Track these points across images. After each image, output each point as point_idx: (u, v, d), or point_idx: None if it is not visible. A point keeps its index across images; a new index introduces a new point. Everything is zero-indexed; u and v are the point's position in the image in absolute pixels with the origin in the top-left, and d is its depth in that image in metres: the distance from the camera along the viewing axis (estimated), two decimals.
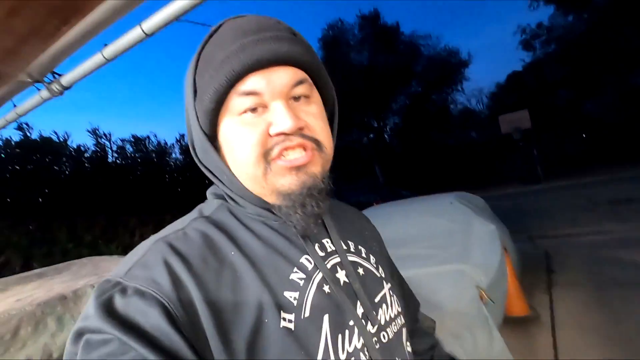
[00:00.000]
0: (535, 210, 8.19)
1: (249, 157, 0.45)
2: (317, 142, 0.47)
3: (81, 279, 0.88)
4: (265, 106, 0.45)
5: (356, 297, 0.50)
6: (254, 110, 0.45)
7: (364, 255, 0.58)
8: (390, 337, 0.52)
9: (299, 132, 0.45)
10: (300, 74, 0.47)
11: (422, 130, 21.58)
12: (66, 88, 1.10)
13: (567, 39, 18.58)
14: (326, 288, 0.47)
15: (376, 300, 0.53)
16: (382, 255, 0.65)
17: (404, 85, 21.96)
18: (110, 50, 0.95)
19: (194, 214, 0.52)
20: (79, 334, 0.35)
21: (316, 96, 0.50)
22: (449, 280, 2.26)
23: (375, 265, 0.58)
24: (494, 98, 24.34)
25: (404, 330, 0.57)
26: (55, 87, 1.10)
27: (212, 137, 0.48)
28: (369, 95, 20.05)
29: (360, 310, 0.49)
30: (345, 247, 0.55)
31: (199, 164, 0.53)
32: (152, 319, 0.35)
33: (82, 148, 13.09)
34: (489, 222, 3.09)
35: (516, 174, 16.17)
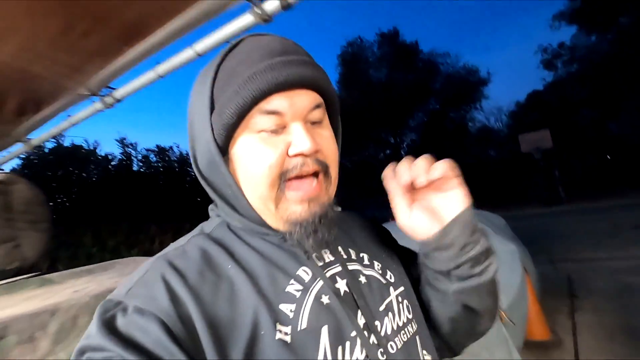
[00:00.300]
0: (556, 232, 7.95)
1: (266, 176, 0.45)
2: (327, 168, 0.49)
3: (126, 276, 0.94)
4: (284, 127, 0.46)
5: (357, 307, 0.48)
6: (274, 129, 0.45)
7: (366, 262, 0.56)
8: (399, 347, 0.49)
9: (315, 155, 0.47)
10: (318, 98, 0.49)
11: (440, 148, 21.43)
12: (118, 101, 1.21)
13: (591, 58, 18.31)
14: (325, 299, 0.46)
15: (380, 309, 0.51)
16: (391, 259, 0.62)
17: (422, 103, 22.05)
18: (163, 68, 1.05)
19: (195, 231, 0.53)
20: (82, 352, 0.36)
21: (327, 121, 0.52)
22: None
23: (380, 272, 0.56)
24: (514, 117, 24.02)
25: (418, 338, 0.53)
26: (108, 99, 1.21)
27: (223, 151, 0.48)
28: (387, 111, 20.17)
29: (361, 321, 0.47)
30: (345, 256, 0.54)
31: (199, 177, 0.52)
32: (152, 336, 0.36)
33: (109, 156, 13.70)
34: (509, 241, 3.04)
35: (537, 194, 15.77)
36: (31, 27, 0.85)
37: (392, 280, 0.56)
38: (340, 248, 0.54)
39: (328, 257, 0.52)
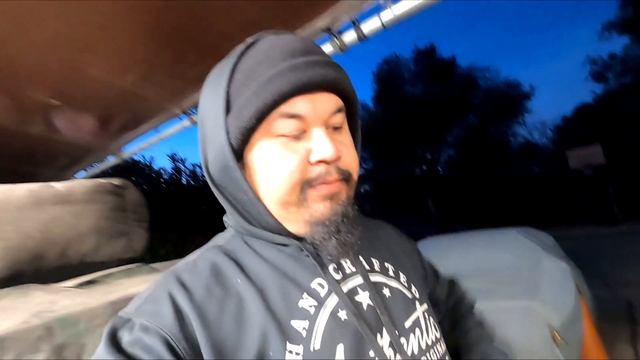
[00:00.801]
0: (612, 254, 7.38)
1: (286, 182, 0.43)
2: (349, 176, 0.46)
3: None
4: (304, 131, 0.43)
5: (381, 323, 0.44)
6: (294, 134, 0.43)
7: (391, 273, 0.51)
8: None
9: (336, 162, 0.44)
10: (339, 102, 0.46)
11: (479, 164, 20.74)
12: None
13: None
14: (342, 314, 0.42)
15: (407, 325, 0.46)
16: (416, 273, 0.58)
17: (460, 118, 21.58)
18: None
19: (210, 243, 0.52)
20: None
21: (346, 126, 0.50)
22: (517, 317, 2.16)
23: (406, 285, 0.51)
24: (560, 131, 22.80)
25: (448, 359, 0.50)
26: (195, 118, 1.41)
27: (237, 155, 0.45)
28: (423, 127, 19.96)
29: (386, 339, 0.43)
30: (367, 267, 0.50)
31: (210, 183, 0.50)
32: (155, 354, 0.35)
33: (161, 171, 14.90)
34: (560, 259, 2.93)
35: (589, 213, 14.68)
36: (151, 59, 1.05)
37: (417, 295, 0.52)
38: (361, 257, 0.50)
39: (349, 267, 0.48)
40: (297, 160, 0.42)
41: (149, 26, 0.89)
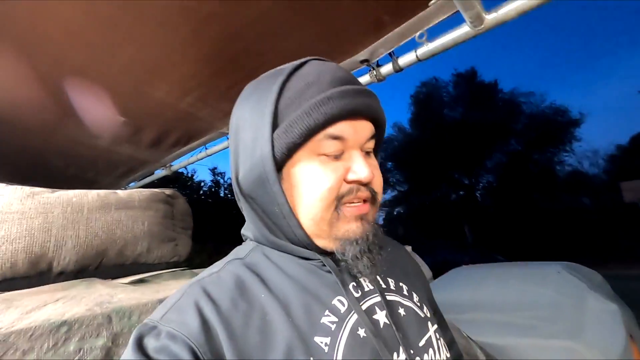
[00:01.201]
0: None
1: (324, 199, 0.45)
2: (376, 196, 0.49)
3: None
4: (343, 152, 0.47)
5: (397, 341, 0.45)
6: (335, 155, 0.46)
7: (405, 292, 0.53)
8: None
9: (369, 183, 0.48)
10: (373, 129, 0.50)
11: (521, 191, 19.70)
12: None
13: None
14: (361, 332, 0.43)
15: (420, 344, 0.48)
16: (426, 293, 0.60)
17: (501, 143, 20.77)
18: None
19: (230, 256, 0.53)
20: None
21: (373, 151, 0.54)
22: (558, 358, 2.04)
23: (418, 304, 0.53)
24: (614, 161, 21.22)
25: None
26: None
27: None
28: (461, 151, 19.43)
29: (402, 357, 0.44)
30: (384, 285, 0.51)
31: (238, 194, 0.52)
32: None
33: (201, 183, 15.76)
34: (609, 300, 2.71)
35: None
36: (208, 84, 1.18)
37: (429, 315, 0.54)
38: (378, 277, 0.52)
39: (367, 285, 0.49)
40: (335, 179, 0.45)
41: (208, 56, 1.02)
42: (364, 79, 1.07)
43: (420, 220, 21.69)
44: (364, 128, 0.48)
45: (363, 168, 0.46)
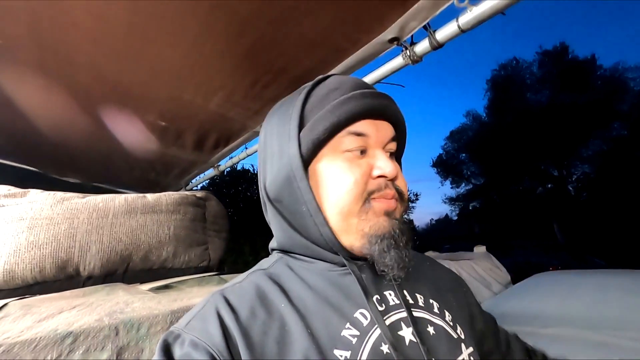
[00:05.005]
0: None
1: (352, 190, 0.46)
2: (402, 194, 0.50)
3: None
4: (366, 151, 0.49)
5: None
6: (358, 151, 0.49)
7: (436, 310, 0.50)
8: None
9: (393, 181, 0.49)
10: (393, 131, 0.53)
11: (627, 184, 16.68)
12: None
13: None
14: (384, 348, 0.41)
15: None
16: (462, 312, 0.55)
17: (601, 128, 17.78)
18: None
19: (255, 267, 0.54)
20: None
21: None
22: None
23: (451, 324, 0.50)
24: None
25: None
26: None
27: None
28: (549, 139, 17.15)
29: None
30: (411, 301, 0.49)
31: (266, 200, 0.54)
32: None
33: None
34: None
35: None
36: (232, 83, 1.13)
37: (463, 336, 0.49)
38: (406, 291, 0.50)
39: (392, 299, 0.47)
40: (361, 173, 0.47)
41: (222, 52, 0.96)
42: (397, 62, 0.90)
43: (499, 216, 19.79)
44: (385, 128, 0.51)
45: (387, 163, 0.48)
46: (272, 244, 0.58)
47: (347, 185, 0.46)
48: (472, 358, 0.47)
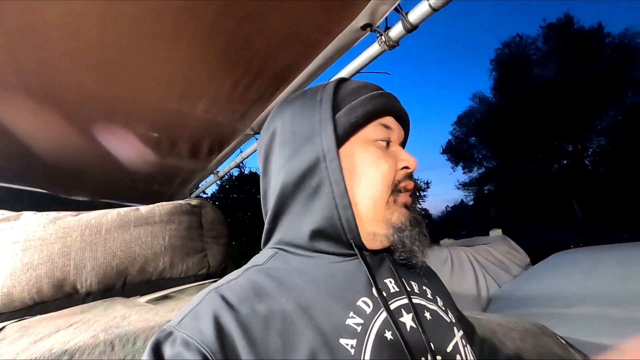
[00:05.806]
0: None
1: (385, 177, 0.49)
2: (417, 188, 0.55)
3: None
4: (389, 144, 0.54)
5: (424, 346, 0.43)
6: (385, 142, 0.53)
7: (429, 296, 0.52)
8: None
9: (413, 174, 0.53)
10: (404, 135, 0.58)
11: None
12: None
13: None
14: (388, 334, 0.42)
15: (448, 349, 0.46)
16: (448, 298, 0.59)
17: (614, 97, 17.18)
18: None
19: (248, 264, 0.53)
20: None
21: None
22: None
23: (443, 309, 0.52)
24: None
25: None
26: None
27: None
28: (560, 114, 16.67)
29: None
30: (409, 288, 0.50)
31: (275, 198, 0.52)
32: None
33: None
34: None
35: None
36: (214, 88, 1.12)
37: (454, 320, 0.52)
38: (403, 279, 0.51)
39: (393, 287, 0.49)
40: (393, 162, 0.51)
41: (197, 57, 0.95)
42: (374, 49, 0.88)
43: (515, 197, 19.38)
44: (402, 129, 0.57)
45: (410, 156, 0.52)
46: (272, 241, 0.56)
47: (383, 171, 0.49)
48: (463, 340, 0.50)
